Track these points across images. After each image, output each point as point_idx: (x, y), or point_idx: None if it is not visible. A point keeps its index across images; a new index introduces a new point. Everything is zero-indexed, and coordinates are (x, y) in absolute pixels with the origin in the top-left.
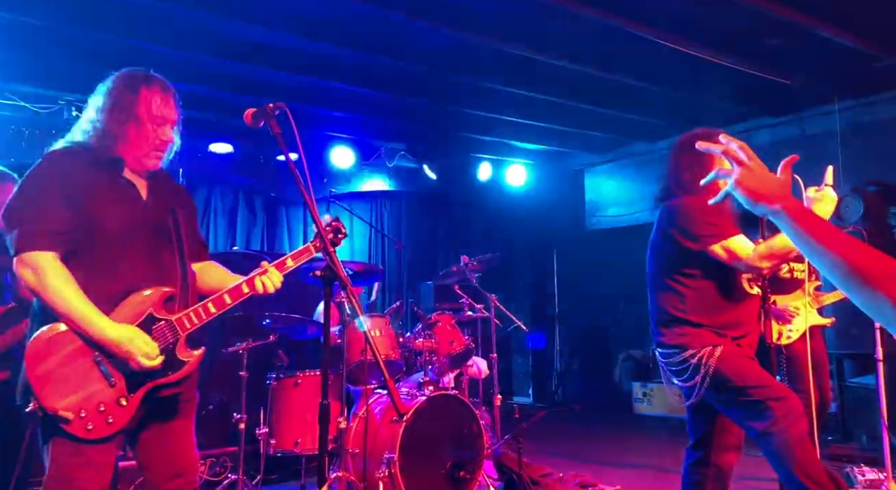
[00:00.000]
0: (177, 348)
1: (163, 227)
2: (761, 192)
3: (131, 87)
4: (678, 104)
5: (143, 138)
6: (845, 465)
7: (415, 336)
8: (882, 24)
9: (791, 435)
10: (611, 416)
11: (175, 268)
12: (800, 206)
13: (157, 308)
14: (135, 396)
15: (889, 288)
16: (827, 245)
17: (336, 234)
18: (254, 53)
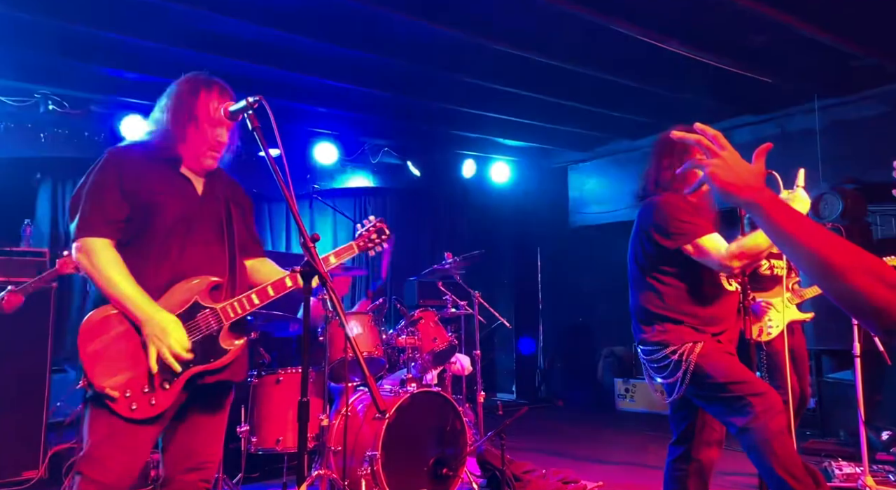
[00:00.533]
0: (220, 336)
1: (216, 221)
2: (735, 184)
3: (192, 89)
4: (661, 102)
5: (201, 139)
6: (823, 459)
7: (398, 333)
8: (860, 23)
9: (770, 430)
10: (594, 413)
11: (224, 260)
12: (775, 197)
13: (203, 296)
14: (178, 381)
15: (863, 282)
16: (801, 238)
17: (380, 234)
18: (234, 47)
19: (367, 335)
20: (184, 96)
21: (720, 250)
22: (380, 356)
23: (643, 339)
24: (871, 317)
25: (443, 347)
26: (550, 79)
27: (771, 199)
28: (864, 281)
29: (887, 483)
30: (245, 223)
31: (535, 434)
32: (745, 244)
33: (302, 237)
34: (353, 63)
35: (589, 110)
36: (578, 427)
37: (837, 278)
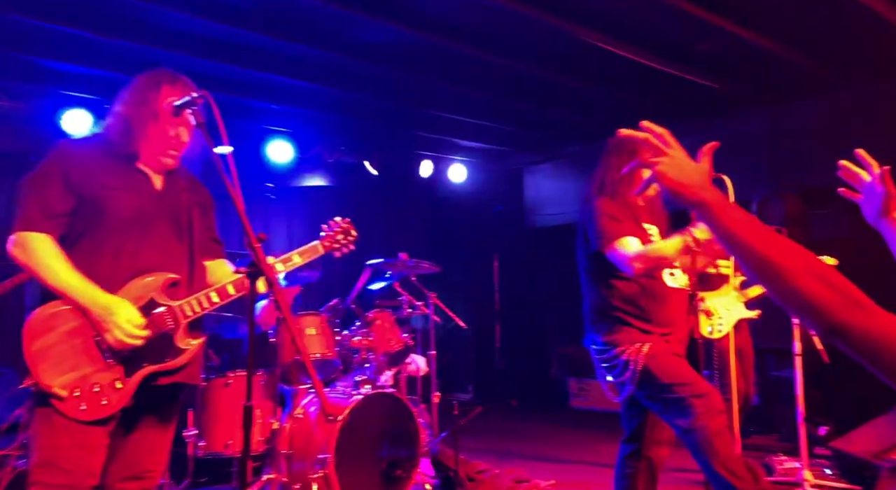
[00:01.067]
0: (176, 335)
1: (175, 218)
2: (683, 183)
3: (154, 84)
4: (614, 105)
5: (161, 136)
6: (766, 454)
7: (352, 334)
8: (802, 32)
9: (711, 431)
10: (548, 412)
11: (183, 257)
12: (722, 198)
13: (159, 293)
14: (131, 380)
15: (806, 283)
16: (748, 239)
17: (346, 235)
18: (184, 42)
19: (321, 337)
20: (145, 91)
21: (627, 252)
22: (334, 358)
23: (593, 339)
24: (813, 317)
25: (398, 348)
26: (506, 81)
27: (719, 199)
28: (807, 282)
29: (824, 476)
30: (206, 223)
31: (489, 434)
32: (649, 249)
33: (247, 237)
34: (309, 61)
35: (544, 113)
36: (533, 426)
37: (782, 279)
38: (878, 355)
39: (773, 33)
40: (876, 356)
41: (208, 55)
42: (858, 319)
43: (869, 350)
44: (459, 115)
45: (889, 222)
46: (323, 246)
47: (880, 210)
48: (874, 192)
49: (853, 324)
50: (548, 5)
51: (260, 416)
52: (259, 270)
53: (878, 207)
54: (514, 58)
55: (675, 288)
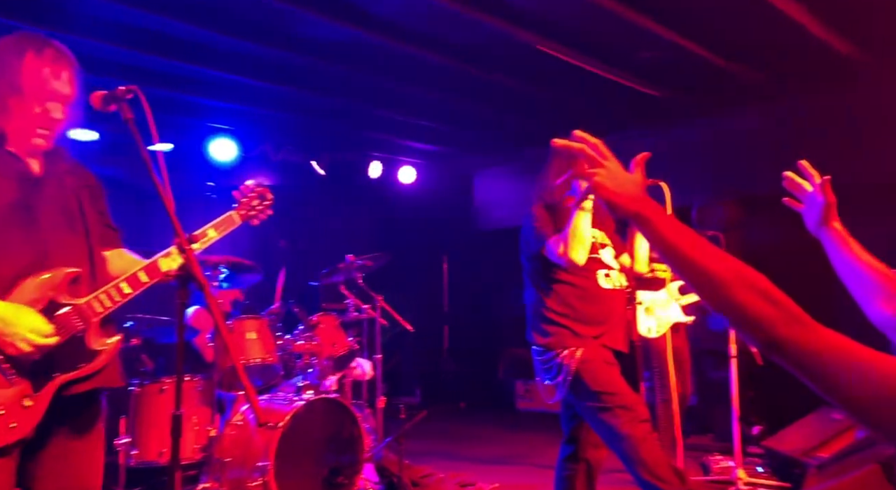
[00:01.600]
0: (87, 336)
1: (63, 205)
2: (618, 194)
3: (17, 51)
4: (562, 111)
5: (27, 113)
6: (702, 454)
7: (295, 338)
8: (740, 42)
9: (636, 439)
10: (494, 414)
11: (80, 248)
12: (659, 209)
13: (60, 292)
14: (42, 395)
15: (745, 296)
16: (686, 250)
17: (262, 200)
18: (126, 35)
19: (261, 341)
20: (9, 60)
21: (555, 245)
22: (275, 363)
23: (532, 341)
24: (752, 331)
25: (342, 352)
26: (456, 83)
27: (656, 210)
28: (746, 296)
29: (756, 474)
30: (97, 208)
31: (435, 437)
32: (564, 233)
33: (178, 238)
34: (254, 57)
35: (494, 116)
36: (479, 429)
37: (721, 293)
38: (814, 371)
39: (712, 43)
40: (813, 372)
41: (148, 49)
42: (797, 335)
43: (806, 366)
44: (409, 116)
45: (829, 231)
46: (239, 215)
47: (820, 219)
48: (815, 202)
49: (791, 339)
50: (496, 10)
51: (197, 422)
52: (190, 274)
53: (818, 217)
54: (465, 61)
55: (610, 289)
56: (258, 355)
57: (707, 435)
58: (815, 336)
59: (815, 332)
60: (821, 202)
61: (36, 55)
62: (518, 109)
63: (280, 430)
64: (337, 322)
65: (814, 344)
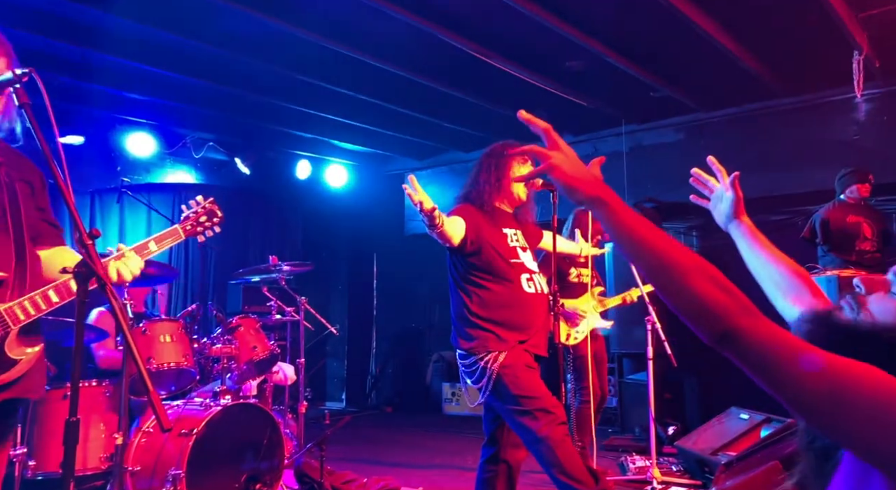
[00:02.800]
0: (6, 344)
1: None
2: (576, 177)
3: None
4: (492, 117)
5: None
6: (621, 454)
7: (212, 341)
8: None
9: (553, 441)
10: (421, 418)
11: (8, 249)
12: (616, 196)
13: None
14: None
15: (700, 284)
16: (644, 236)
17: (210, 217)
18: (38, 22)
19: (176, 344)
20: None
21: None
22: (190, 367)
23: (456, 344)
24: (706, 320)
25: (263, 356)
26: (387, 85)
27: (614, 197)
28: (702, 283)
29: (671, 473)
30: (36, 204)
31: (361, 442)
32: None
33: (78, 232)
34: (175, 49)
35: (425, 120)
36: (405, 433)
37: (676, 278)
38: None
39: (633, 56)
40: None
41: (58, 35)
42: (749, 326)
43: (755, 358)
44: (339, 115)
45: (739, 225)
46: (184, 230)
47: (730, 213)
48: (723, 197)
49: (744, 329)
50: (427, 13)
51: (103, 430)
52: (91, 270)
53: (728, 211)
54: (395, 62)
55: (533, 293)
56: (172, 359)
57: (626, 435)
58: (766, 329)
59: (765, 325)
60: (730, 197)
61: None
62: (450, 113)
63: (194, 437)
64: (258, 325)
65: (765, 336)
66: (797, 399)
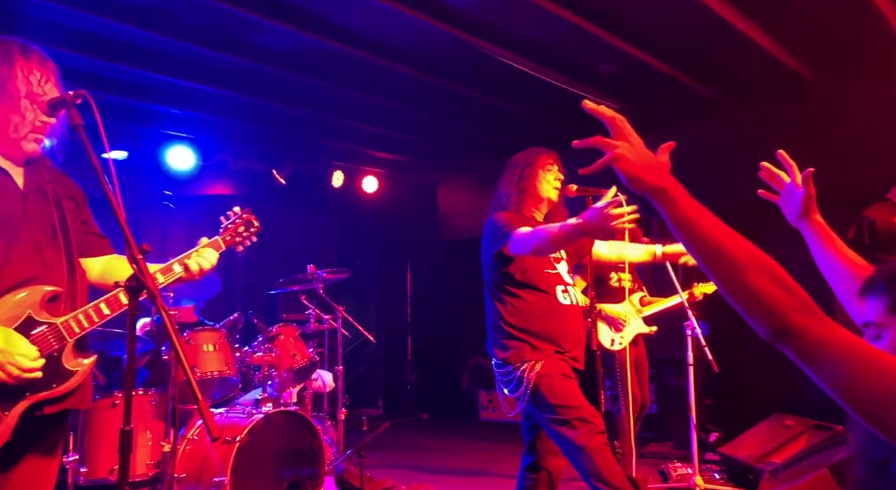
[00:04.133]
0: (63, 356)
1: (45, 218)
2: (642, 167)
3: (4, 57)
4: (524, 124)
5: (19, 117)
6: (662, 461)
7: (253, 350)
8: (695, 57)
9: (592, 449)
10: (458, 424)
11: (61, 264)
12: (681, 187)
13: (37, 310)
14: (11, 414)
15: (760, 281)
16: (707, 229)
17: (248, 227)
18: (83, 42)
19: (219, 353)
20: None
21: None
22: (232, 375)
23: (492, 353)
24: (765, 316)
25: (302, 364)
26: (419, 94)
27: (678, 187)
28: (762, 281)
29: (713, 481)
30: (80, 218)
31: (398, 449)
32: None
33: (129, 248)
34: (213, 65)
35: (458, 127)
36: (442, 440)
37: (737, 274)
38: (822, 363)
39: (669, 58)
40: (820, 364)
41: (103, 55)
42: (809, 324)
43: (814, 357)
44: (372, 125)
45: (810, 224)
46: (224, 241)
47: (800, 211)
48: (794, 194)
49: (804, 328)
50: (460, 22)
51: (150, 438)
52: (141, 284)
53: (798, 209)
54: (428, 71)
55: (568, 305)
56: (215, 367)
57: (667, 442)
58: (827, 328)
59: (826, 325)
60: (800, 194)
61: (25, 60)
62: (482, 120)
63: (237, 444)
64: (297, 333)
65: (825, 336)
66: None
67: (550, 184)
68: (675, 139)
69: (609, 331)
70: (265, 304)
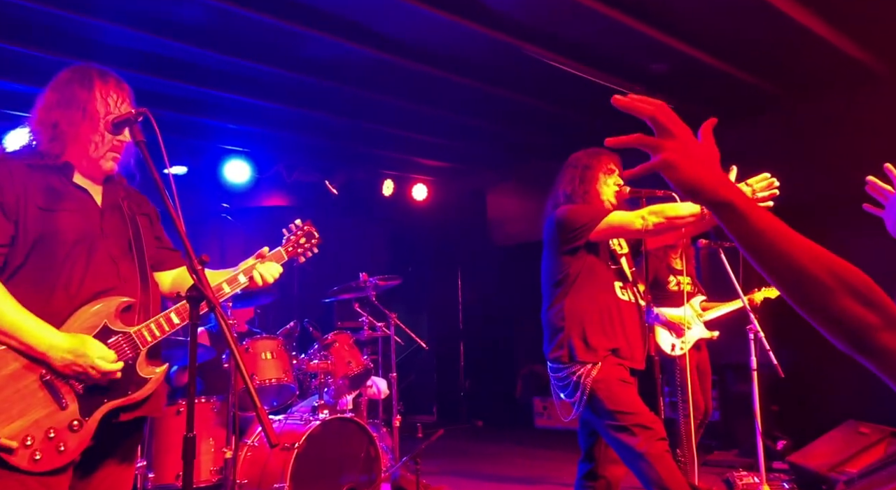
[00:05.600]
0: (137, 364)
1: (121, 234)
2: (699, 177)
3: (84, 82)
4: (574, 126)
5: (99, 139)
6: (726, 470)
7: (310, 357)
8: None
9: (652, 456)
10: (513, 432)
11: (134, 277)
12: (748, 197)
13: (112, 320)
14: (91, 420)
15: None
16: (780, 247)
17: (309, 238)
18: (143, 61)
19: (277, 361)
20: (76, 90)
21: (632, 216)
22: (290, 382)
23: (548, 356)
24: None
25: (357, 371)
26: (466, 100)
27: (746, 199)
28: (846, 302)
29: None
30: (155, 234)
31: (453, 456)
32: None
33: (189, 259)
34: (266, 80)
35: (507, 132)
36: (497, 447)
37: (818, 296)
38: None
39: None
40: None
41: (162, 73)
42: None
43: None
44: (421, 133)
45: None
46: (286, 252)
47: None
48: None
49: (886, 346)
50: (508, 27)
51: (213, 445)
52: (202, 294)
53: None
54: (474, 77)
55: (626, 301)
56: (273, 375)
57: (732, 450)
58: None
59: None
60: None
61: (103, 84)
62: (529, 124)
63: (296, 451)
64: (351, 340)
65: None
66: None
67: (611, 188)
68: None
69: (669, 336)
70: (321, 313)
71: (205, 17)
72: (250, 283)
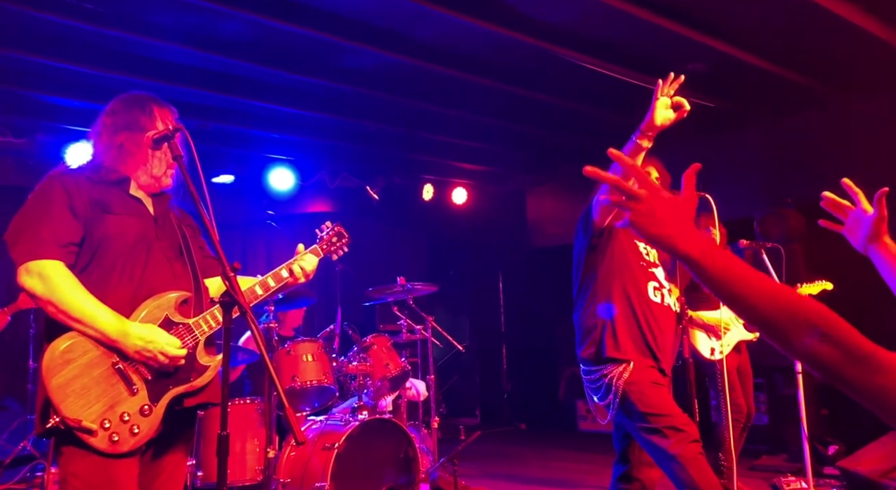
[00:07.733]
0: (197, 353)
1: (173, 239)
2: (659, 234)
3: (144, 107)
4: (613, 127)
5: (161, 157)
6: (774, 475)
7: (349, 360)
8: (790, 47)
9: (685, 459)
10: (556, 434)
11: (188, 275)
12: (706, 247)
13: (173, 312)
14: (159, 405)
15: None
16: (740, 291)
17: (339, 238)
18: (186, 75)
19: (317, 363)
20: (138, 115)
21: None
22: (330, 384)
23: (580, 357)
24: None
25: (395, 373)
26: (503, 104)
27: (703, 250)
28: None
29: None
30: (199, 244)
31: (493, 458)
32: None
33: (222, 266)
34: (309, 90)
35: (545, 135)
36: (540, 450)
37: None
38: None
39: (762, 51)
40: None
41: (209, 87)
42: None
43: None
44: (460, 138)
45: (879, 247)
46: (322, 248)
47: (869, 235)
48: (862, 219)
49: (855, 379)
50: (543, 32)
51: (257, 444)
52: (234, 299)
53: (867, 233)
54: (511, 81)
55: (658, 303)
56: (314, 377)
57: (780, 455)
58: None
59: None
60: (870, 218)
61: (160, 108)
62: (567, 127)
63: (335, 451)
64: (389, 343)
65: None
66: None
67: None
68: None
69: (707, 339)
70: (362, 316)
71: (250, 32)
72: (291, 276)
